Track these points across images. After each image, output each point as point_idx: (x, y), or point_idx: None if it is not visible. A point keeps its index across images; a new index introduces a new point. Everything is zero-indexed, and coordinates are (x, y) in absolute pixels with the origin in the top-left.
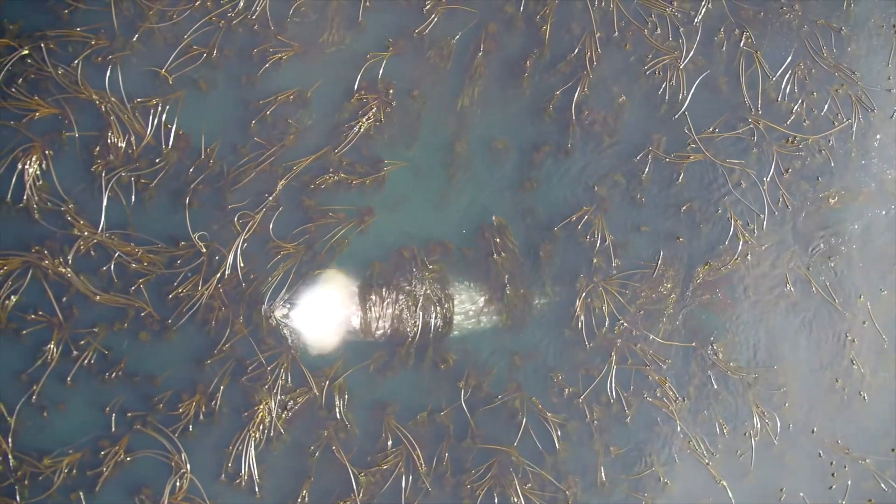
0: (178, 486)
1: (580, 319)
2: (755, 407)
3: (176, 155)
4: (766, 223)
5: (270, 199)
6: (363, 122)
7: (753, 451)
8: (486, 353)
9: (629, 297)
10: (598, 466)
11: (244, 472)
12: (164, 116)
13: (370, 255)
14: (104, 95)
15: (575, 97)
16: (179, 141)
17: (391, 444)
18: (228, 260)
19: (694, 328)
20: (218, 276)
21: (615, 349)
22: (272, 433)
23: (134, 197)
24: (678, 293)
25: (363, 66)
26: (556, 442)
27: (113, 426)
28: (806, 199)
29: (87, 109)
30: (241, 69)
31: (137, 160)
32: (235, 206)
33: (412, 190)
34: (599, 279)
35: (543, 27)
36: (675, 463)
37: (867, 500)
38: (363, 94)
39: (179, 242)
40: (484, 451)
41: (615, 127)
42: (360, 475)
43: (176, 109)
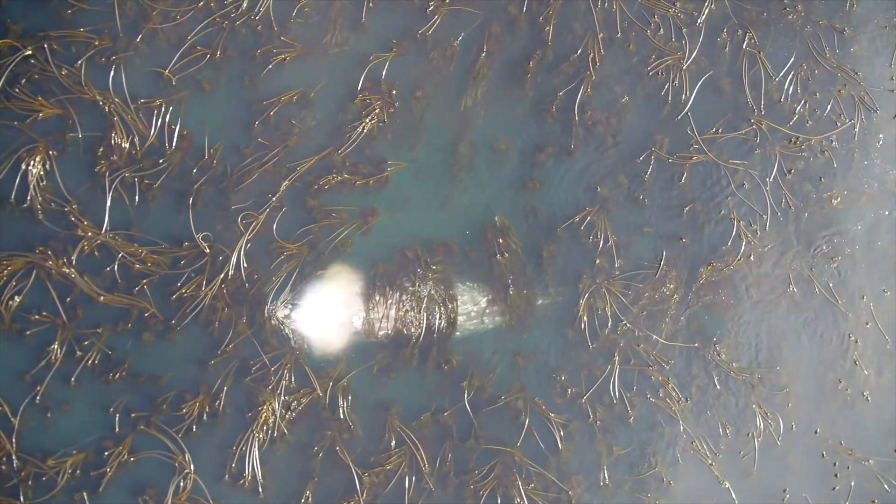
0: (181, 486)
1: (583, 320)
2: (758, 408)
3: (179, 155)
4: (768, 224)
5: (274, 199)
6: (366, 122)
7: (756, 451)
8: (489, 353)
9: (632, 297)
10: (601, 467)
11: (248, 472)
12: (167, 117)
13: (373, 255)
14: (108, 96)
15: (578, 98)
16: (183, 141)
17: (394, 444)
18: (232, 260)
19: (697, 329)
20: (221, 276)
21: (618, 350)
22: (276, 434)
23: (137, 197)
24: (681, 294)
25: (366, 66)
26: (559, 442)
27: (117, 427)
28: (809, 199)
29: (90, 110)
30: (244, 70)
31: (141, 161)
32: (239, 206)
33: (415, 191)
34: (602, 280)
35: (546, 28)
36: (678, 463)
37: (870, 501)
38: (366, 94)
39: (183, 243)
40: (487, 451)
41: (618, 128)
42: (363, 475)
43: (179, 110)
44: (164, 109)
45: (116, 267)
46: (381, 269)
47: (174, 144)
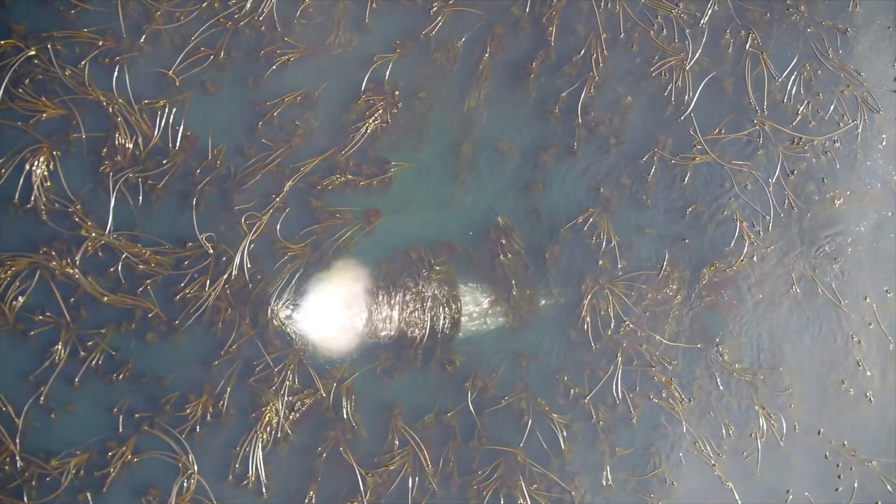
0: (185, 486)
1: (586, 321)
2: (761, 408)
3: (183, 156)
4: (771, 224)
5: (277, 200)
6: (370, 123)
7: (759, 452)
8: (492, 354)
9: (635, 298)
10: (603, 467)
11: (251, 472)
12: (171, 118)
13: (377, 256)
14: (111, 97)
15: (581, 99)
16: (186, 142)
17: (398, 444)
18: (235, 261)
19: (699, 329)
20: (225, 277)
21: (621, 350)
22: (279, 434)
23: (141, 198)
24: (684, 294)
25: (370, 67)
26: (562, 443)
27: (120, 427)
28: (811, 200)
29: (94, 110)
30: (248, 70)
31: (145, 161)
32: (242, 207)
33: (419, 191)
34: (605, 280)
35: (549, 29)
36: (681, 464)
37: (873, 501)
38: (370, 95)
39: (187, 243)
40: (490, 451)
41: (621, 128)
42: (367, 476)
43: (183, 111)
44: (167, 110)
45: (120, 267)
46: (384, 269)
47: (178, 145)
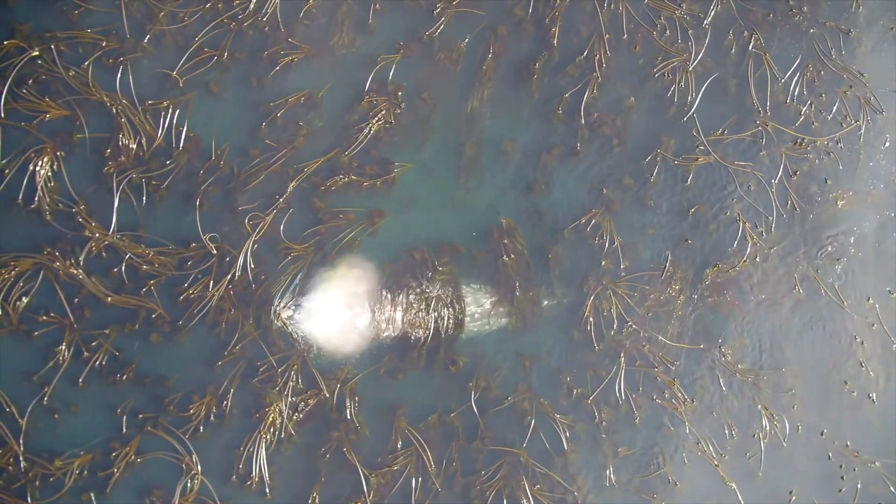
0: (188, 487)
1: (589, 321)
2: (764, 409)
3: (186, 157)
4: (774, 225)
5: (281, 200)
6: (373, 123)
7: (762, 453)
8: (495, 354)
9: (637, 299)
10: (606, 467)
11: (255, 473)
12: (174, 118)
13: (380, 256)
14: (115, 97)
15: (584, 99)
16: (190, 143)
17: (401, 445)
18: (239, 261)
19: (702, 330)
20: (228, 277)
21: (624, 351)
22: (283, 435)
23: (145, 198)
24: (686, 295)
25: (373, 68)
26: (564, 443)
27: (124, 428)
28: (814, 201)
29: (97, 111)
30: (251, 71)
31: (148, 162)
32: (246, 207)
33: (422, 192)
34: (608, 281)
35: (552, 30)
36: (684, 464)
37: (877, 503)
38: (373, 96)
39: (190, 244)
40: (493, 452)
41: (624, 129)
42: (370, 476)
43: (187, 111)
44: (171, 111)
45: (124, 268)
46: (387, 270)
47: (181, 146)
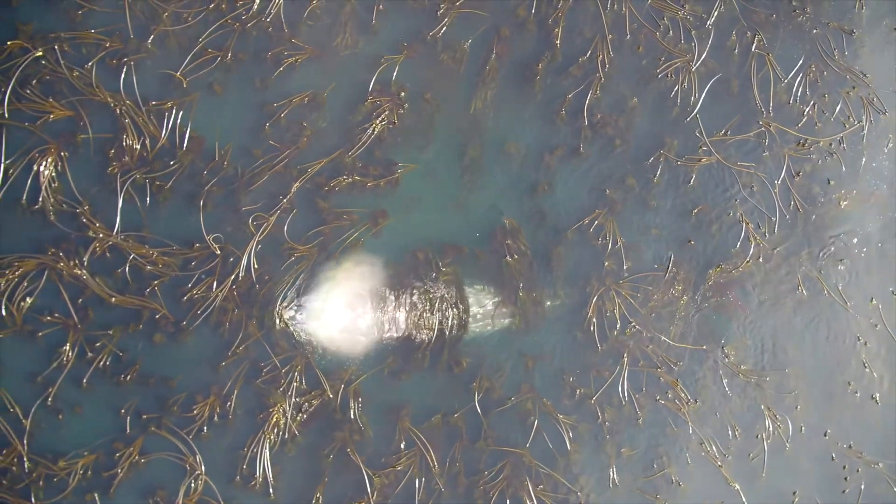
0: (192, 487)
1: (592, 322)
2: (767, 409)
3: (190, 157)
4: (777, 226)
5: (285, 201)
6: (377, 124)
7: (766, 453)
8: (498, 355)
9: (640, 299)
10: (609, 468)
11: (259, 473)
12: (178, 119)
13: (384, 257)
14: (119, 98)
15: (587, 100)
16: (194, 143)
17: (405, 445)
18: (242, 262)
19: (705, 331)
20: (232, 278)
21: (627, 351)
22: (287, 435)
23: (149, 199)
24: (689, 296)
25: (377, 69)
26: (567, 443)
27: (128, 428)
28: (817, 201)
29: (101, 112)
30: (255, 72)
31: (152, 162)
32: (249, 208)
33: (425, 192)
34: (611, 282)
35: (555, 30)
36: (687, 464)
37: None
38: (376, 96)
39: (194, 244)
40: (496, 452)
41: (627, 130)
42: (374, 476)
43: (190, 112)
44: (175, 111)
45: (128, 268)
46: (391, 270)
47: (185, 146)
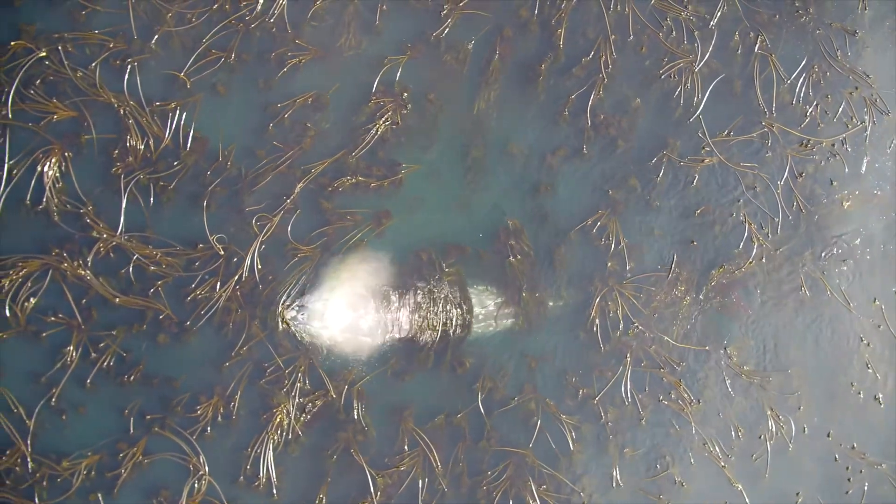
0: (196, 488)
1: (595, 322)
2: (770, 410)
3: (194, 158)
4: (780, 227)
5: (288, 201)
6: (380, 125)
7: (769, 454)
8: (501, 355)
9: (643, 300)
10: (613, 468)
11: (262, 474)
12: (182, 120)
13: (387, 257)
14: (122, 98)
15: (590, 101)
16: (197, 144)
17: (408, 446)
18: (246, 262)
19: (708, 331)
20: (235, 278)
21: (630, 351)
22: (290, 436)
23: (152, 199)
24: (692, 296)
25: (380, 69)
26: (570, 444)
27: (131, 428)
28: (820, 202)
29: (105, 112)
30: (258, 73)
31: (156, 163)
32: (253, 208)
33: (429, 193)
34: (614, 282)
35: (558, 31)
36: (690, 465)
37: None
38: (380, 97)
39: (197, 245)
40: (500, 452)
41: (630, 130)
42: (377, 477)
43: (194, 113)
44: (178, 112)
45: (131, 269)
46: (394, 271)
47: (189, 147)
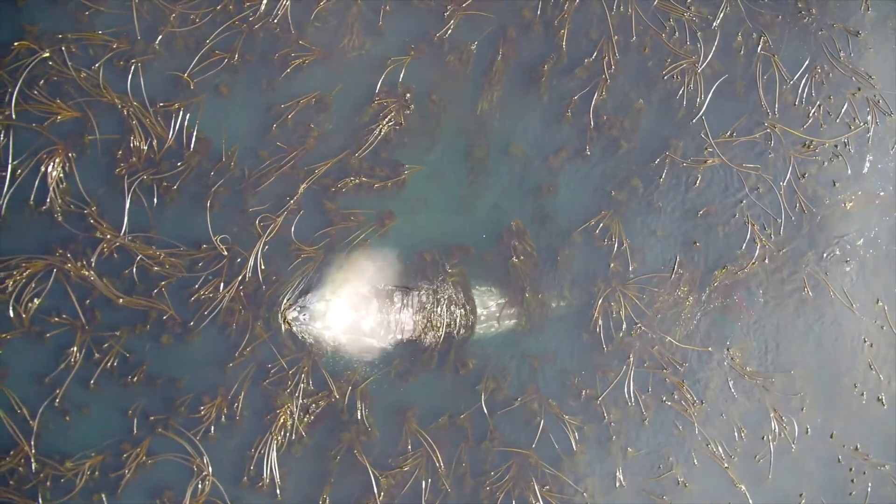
0: (199, 488)
1: (598, 323)
2: (773, 411)
3: (197, 158)
4: (782, 227)
5: (291, 202)
6: (383, 125)
7: (772, 455)
8: (504, 356)
9: (646, 301)
10: (615, 468)
11: (266, 474)
12: (185, 120)
13: (391, 258)
14: (126, 99)
15: (593, 102)
16: (201, 144)
17: (411, 446)
18: (249, 263)
19: (711, 332)
20: (239, 279)
21: (633, 352)
22: (294, 436)
23: (156, 200)
24: (695, 297)
25: (383, 70)
26: (573, 444)
27: (135, 429)
28: (822, 203)
29: (108, 113)
30: (262, 73)
31: (159, 163)
32: (256, 209)
33: (432, 193)
34: (617, 283)
35: (561, 32)
36: (693, 465)
37: None
38: (383, 98)
39: (201, 245)
40: (503, 453)
41: (632, 131)
42: (380, 477)
43: (197, 113)
44: (182, 113)
45: (135, 269)
46: (398, 271)
47: (192, 147)
